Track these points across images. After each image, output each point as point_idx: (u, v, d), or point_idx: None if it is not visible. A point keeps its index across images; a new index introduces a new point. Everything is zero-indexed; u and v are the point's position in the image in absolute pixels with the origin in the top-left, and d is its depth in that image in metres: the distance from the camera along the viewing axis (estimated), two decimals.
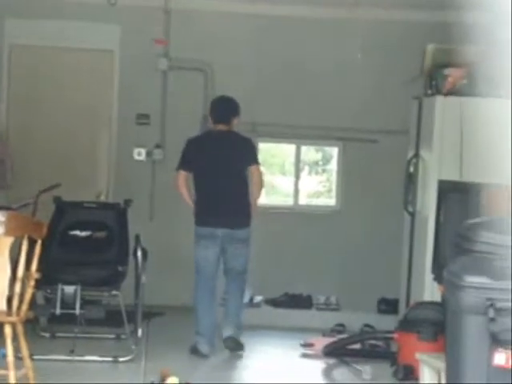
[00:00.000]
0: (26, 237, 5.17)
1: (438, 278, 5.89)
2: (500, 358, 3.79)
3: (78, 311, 6.54)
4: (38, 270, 5.21)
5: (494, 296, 3.82)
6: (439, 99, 6.73)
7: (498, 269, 3.89)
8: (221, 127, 7.05)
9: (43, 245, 5.23)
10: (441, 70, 6.82)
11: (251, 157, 7.02)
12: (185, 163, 7.01)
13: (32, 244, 5.22)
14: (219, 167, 6.94)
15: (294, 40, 9.01)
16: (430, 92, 6.92)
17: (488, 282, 3.85)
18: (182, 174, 7.01)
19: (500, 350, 3.79)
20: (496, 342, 3.79)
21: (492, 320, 3.80)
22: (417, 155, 7.01)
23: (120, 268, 6.93)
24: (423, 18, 8.45)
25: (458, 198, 6.07)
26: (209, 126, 7.73)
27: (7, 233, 5.14)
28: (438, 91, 6.79)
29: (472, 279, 3.88)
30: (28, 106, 8.91)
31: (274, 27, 8.98)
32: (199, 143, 7.08)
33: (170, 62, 8.88)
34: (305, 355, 7.11)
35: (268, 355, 7.24)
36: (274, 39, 9.00)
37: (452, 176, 6.50)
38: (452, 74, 6.76)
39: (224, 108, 7.10)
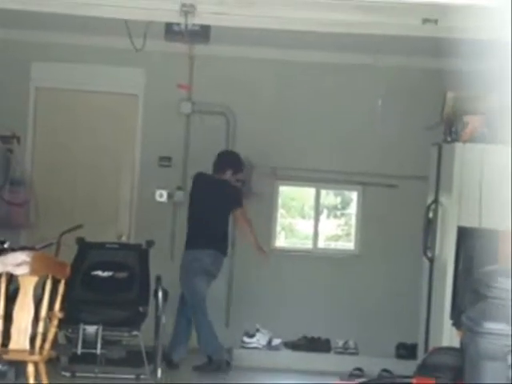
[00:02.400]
0: (49, 276, 5.26)
1: (457, 323, 5.91)
2: None
3: (99, 351, 6.60)
4: (61, 309, 5.28)
5: None
6: (458, 146, 6.79)
7: None
8: (216, 175, 8.20)
9: (65, 285, 5.31)
10: (460, 117, 6.88)
11: (235, 202, 8.08)
12: None
13: (55, 284, 5.31)
14: (206, 208, 8.00)
15: (314, 85, 9.11)
16: (449, 139, 6.98)
17: (506, 329, 3.89)
18: None
19: None
20: None
21: (510, 366, 3.82)
22: (436, 201, 7.05)
23: (141, 308, 7.00)
24: (443, 65, 8.54)
25: (477, 244, 6.10)
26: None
27: (32, 272, 5.23)
28: (457, 138, 6.85)
29: (490, 326, 3.92)
30: (52, 147, 9.04)
31: (294, 72, 9.09)
32: (198, 183, 8.23)
33: (193, 106, 9.02)
34: None
35: None
36: (294, 84, 9.11)
37: (471, 222, 6.52)
38: (471, 122, 6.82)
39: (221, 160, 8.21)
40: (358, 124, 9.08)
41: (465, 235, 6.39)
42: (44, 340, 5.15)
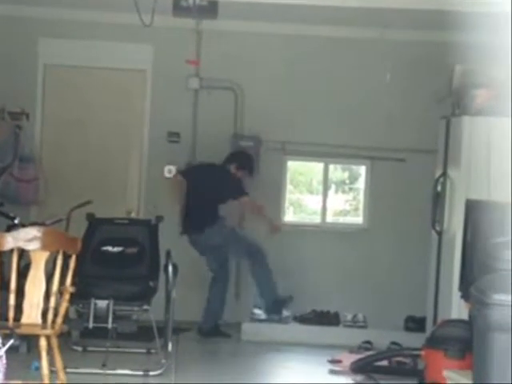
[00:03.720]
0: (60, 252, 5.30)
1: (466, 295, 5.95)
2: None
3: (110, 325, 6.65)
4: (72, 284, 5.33)
5: None
6: (467, 119, 6.79)
7: None
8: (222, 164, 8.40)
9: (76, 260, 5.34)
10: (469, 90, 6.88)
11: (235, 191, 8.16)
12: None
13: (66, 259, 5.35)
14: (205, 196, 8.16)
15: (322, 60, 9.11)
16: (457, 112, 6.99)
17: None
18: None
19: None
20: None
21: None
22: (444, 174, 7.07)
23: (151, 283, 7.03)
24: (451, 38, 8.51)
25: (486, 217, 6.12)
26: (240, 145, 8.54)
27: (43, 248, 5.27)
28: (465, 111, 6.85)
29: (498, 297, 3.94)
30: (61, 124, 9.06)
31: (302, 47, 9.08)
32: (198, 173, 8.40)
33: (201, 82, 9.03)
34: (332, 371, 7.16)
35: (295, 371, 7.31)
36: (302, 59, 9.10)
37: (480, 195, 6.53)
38: (480, 95, 6.82)
39: (233, 154, 8.49)
40: (366, 98, 9.08)
41: (473, 208, 6.39)
42: (56, 314, 5.19)
